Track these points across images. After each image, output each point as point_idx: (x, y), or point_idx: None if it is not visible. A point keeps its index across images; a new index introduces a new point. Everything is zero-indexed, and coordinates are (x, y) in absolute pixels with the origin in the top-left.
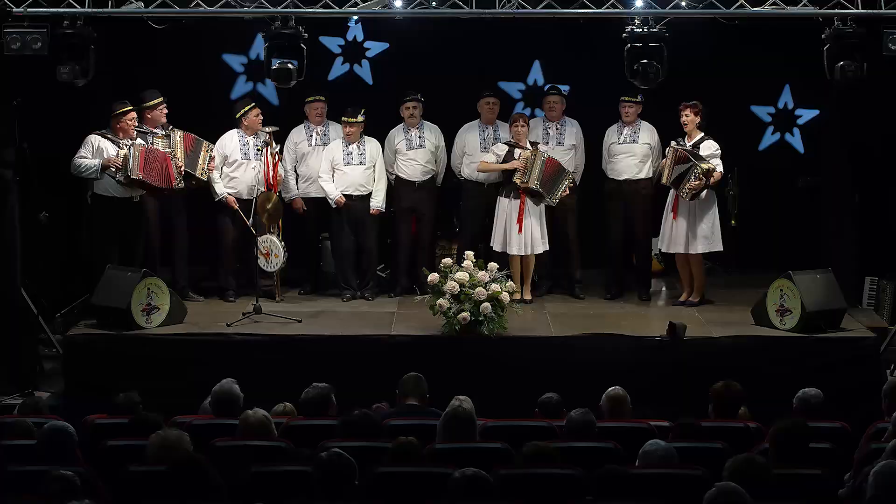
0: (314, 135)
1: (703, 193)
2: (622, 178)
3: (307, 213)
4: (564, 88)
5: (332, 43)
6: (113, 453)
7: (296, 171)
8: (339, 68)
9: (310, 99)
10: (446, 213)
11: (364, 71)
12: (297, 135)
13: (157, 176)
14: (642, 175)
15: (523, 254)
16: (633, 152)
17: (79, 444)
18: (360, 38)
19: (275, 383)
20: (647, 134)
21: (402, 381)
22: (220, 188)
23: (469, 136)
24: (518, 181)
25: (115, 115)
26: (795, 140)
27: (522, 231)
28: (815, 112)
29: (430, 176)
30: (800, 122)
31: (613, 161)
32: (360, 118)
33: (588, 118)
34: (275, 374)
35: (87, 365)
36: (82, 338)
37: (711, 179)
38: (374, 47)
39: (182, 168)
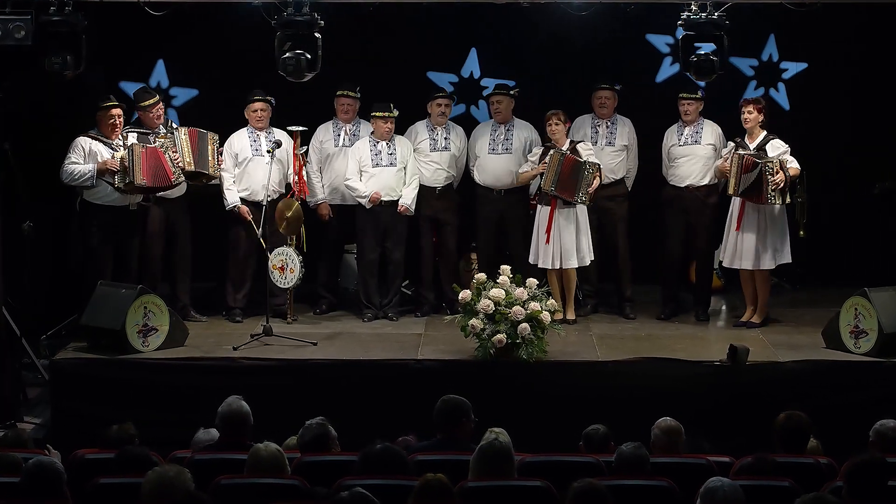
0: (342, 134)
1: (788, 195)
2: (684, 184)
3: (329, 221)
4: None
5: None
6: (105, 492)
7: (320, 172)
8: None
9: (339, 92)
10: (471, 222)
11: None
12: (324, 133)
13: (159, 178)
14: (706, 181)
15: (550, 267)
16: (695, 155)
17: (67, 482)
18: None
19: (287, 414)
20: (711, 133)
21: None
22: (233, 196)
23: (480, 136)
24: (542, 185)
25: (100, 110)
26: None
27: (550, 242)
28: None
29: (450, 182)
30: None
31: (674, 165)
32: (395, 112)
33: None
34: (287, 404)
35: (77, 393)
36: (71, 362)
37: (791, 171)
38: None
39: (177, 159)
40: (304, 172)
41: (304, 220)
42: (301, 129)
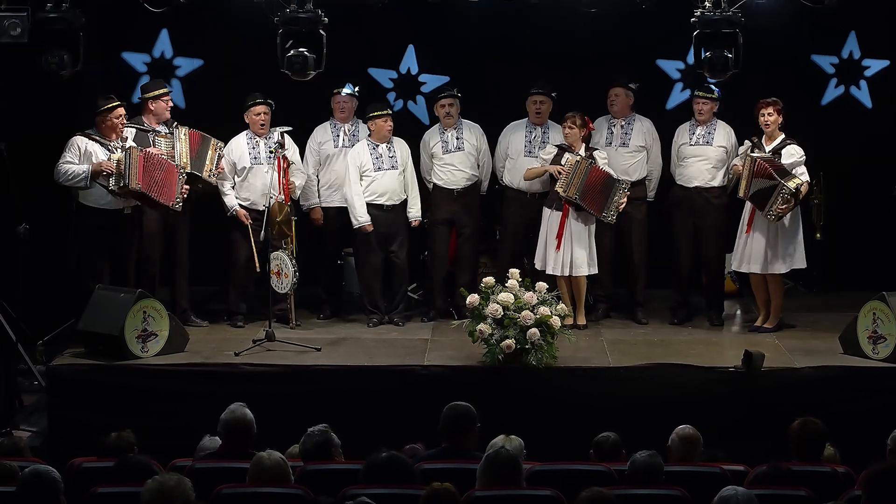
0: (341, 134)
1: (788, 218)
2: (692, 185)
3: (329, 224)
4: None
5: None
6: (103, 501)
7: (317, 175)
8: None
9: (336, 91)
10: (489, 225)
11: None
12: (322, 133)
13: (157, 189)
14: (715, 182)
15: (559, 274)
16: (705, 156)
17: (64, 491)
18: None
19: (290, 421)
20: (724, 135)
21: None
22: (231, 200)
23: (513, 136)
24: (559, 189)
25: (101, 111)
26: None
27: (561, 248)
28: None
29: (471, 183)
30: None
31: (683, 165)
32: (391, 111)
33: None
34: (290, 411)
35: (74, 400)
36: (68, 369)
37: (802, 190)
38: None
39: (186, 190)
40: (289, 173)
41: (294, 223)
42: (287, 128)
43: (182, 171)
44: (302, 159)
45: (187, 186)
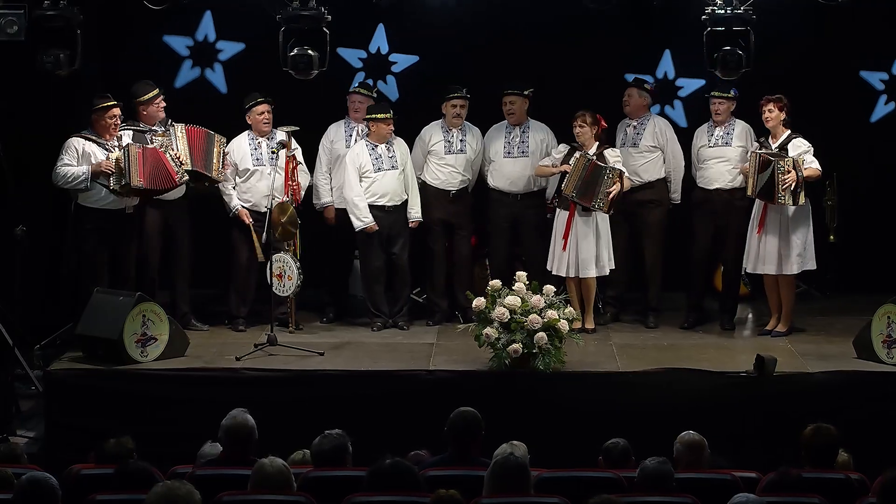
0: (354, 134)
1: (802, 196)
2: (713, 187)
3: (338, 225)
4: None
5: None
6: None
7: (330, 174)
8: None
9: (352, 90)
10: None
11: None
12: (335, 132)
13: (158, 179)
14: (736, 183)
15: (564, 275)
16: (725, 157)
17: (62, 499)
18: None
19: (292, 427)
20: (743, 135)
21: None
22: (235, 202)
23: (494, 139)
24: (563, 188)
25: (96, 110)
26: None
27: (567, 248)
28: None
29: (464, 186)
30: None
31: (703, 167)
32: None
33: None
34: (292, 417)
35: (72, 405)
36: (66, 373)
37: (805, 172)
38: None
39: (179, 156)
40: (297, 174)
41: (299, 225)
42: (293, 128)
43: (164, 149)
44: (315, 157)
45: (178, 154)
